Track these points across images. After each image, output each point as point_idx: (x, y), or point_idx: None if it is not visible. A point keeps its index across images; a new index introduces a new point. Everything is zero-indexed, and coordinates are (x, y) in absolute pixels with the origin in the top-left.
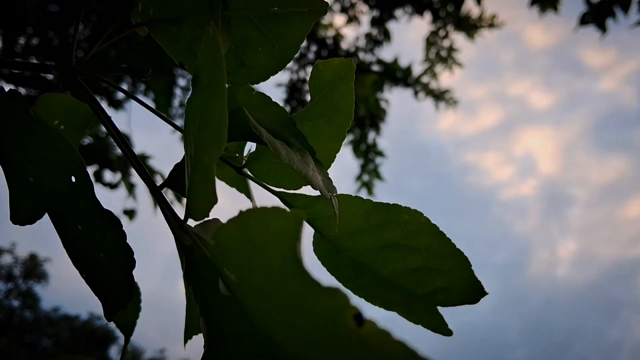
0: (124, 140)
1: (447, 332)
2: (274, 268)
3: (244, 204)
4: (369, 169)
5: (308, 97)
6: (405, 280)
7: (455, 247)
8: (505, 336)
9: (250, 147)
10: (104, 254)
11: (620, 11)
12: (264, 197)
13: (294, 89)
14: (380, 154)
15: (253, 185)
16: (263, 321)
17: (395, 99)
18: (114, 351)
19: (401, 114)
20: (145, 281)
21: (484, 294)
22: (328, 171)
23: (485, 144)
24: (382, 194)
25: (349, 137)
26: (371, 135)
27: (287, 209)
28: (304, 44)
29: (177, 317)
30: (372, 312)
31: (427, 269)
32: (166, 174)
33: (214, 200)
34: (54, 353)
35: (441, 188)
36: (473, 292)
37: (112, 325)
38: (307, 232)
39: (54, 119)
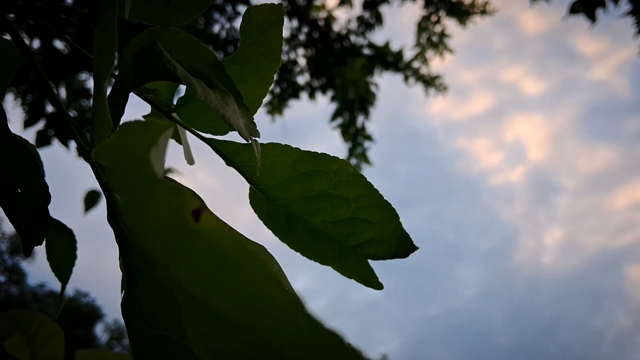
0: (47, 83)
1: (378, 286)
2: (145, 182)
3: (234, 179)
4: (357, 153)
5: (299, 79)
6: (335, 232)
7: (383, 198)
8: (489, 322)
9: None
10: (20, 188)
11: (611, 1)
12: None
13: (284, 70)
14: (368, 138)
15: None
16: (143, 244)
17: (387, 82)
18: (99, 328)
19: (393, 98)
20: None
21: (414, 248)
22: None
23: (476, 129)
24: (371, 178)
25: (338, 121)
26: (360, 119)
27: (159, 121)
28: (295, 24)
29: None
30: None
31: (356, 220)
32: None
33: (108, 124)
34: None
35: (431, 173)
36: (402, 245)
37: (98, 302)
38: (245, 184)
39: None
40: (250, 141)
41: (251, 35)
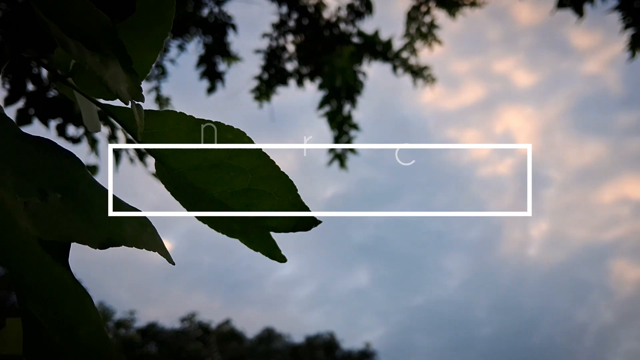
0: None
1: (281, 259)
2: None
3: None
4: (343, 142)
5: (287, 65)
6: (235, 203)
7: (280, 170)
8: (473, 313)
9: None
10: None
11: None
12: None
13: (272, 56)
14: (354, 126)
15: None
16: None
17: (378, 71)
18: None
19: (384, 87)
20: None
21: (316, 222)
22: None
23: (466, 120)
24: (360, 166)
25: (325, 109)
26: (347, 107)
27: None
28: (285, 10)
29: (149, 279)
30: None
31: (254, 192)
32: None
33: None
34: None
35: (420, 163)
36: (303, 218)
37: (84, 284)
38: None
39: None
40: (129, 105)
41: (146, 1)
